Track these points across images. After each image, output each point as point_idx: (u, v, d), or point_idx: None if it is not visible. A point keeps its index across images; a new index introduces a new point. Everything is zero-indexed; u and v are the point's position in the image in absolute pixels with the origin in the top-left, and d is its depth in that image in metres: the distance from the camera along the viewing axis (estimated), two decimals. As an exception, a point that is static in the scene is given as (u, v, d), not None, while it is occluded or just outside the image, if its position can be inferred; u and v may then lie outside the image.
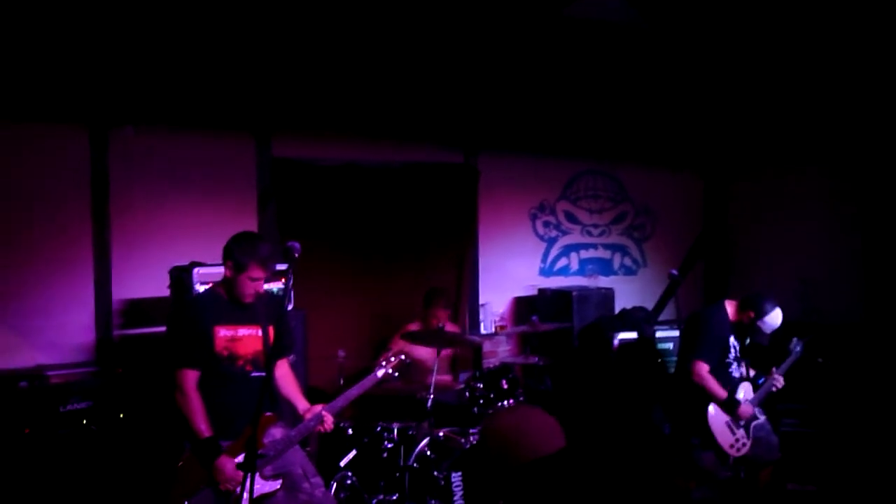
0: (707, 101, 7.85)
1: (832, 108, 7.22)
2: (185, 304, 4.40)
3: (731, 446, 5.13)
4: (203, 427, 3.87)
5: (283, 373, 4.36)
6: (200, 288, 5.13)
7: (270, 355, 4.05)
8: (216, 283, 4.22)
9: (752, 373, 5.37)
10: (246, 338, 4.11)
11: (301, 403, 4.25)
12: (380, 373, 4.45)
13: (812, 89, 7.03)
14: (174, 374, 3.94)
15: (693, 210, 9.06)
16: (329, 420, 4.13)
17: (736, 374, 5.31)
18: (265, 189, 6.62)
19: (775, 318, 5.16)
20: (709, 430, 5.12)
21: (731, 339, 5.32)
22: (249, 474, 3.57)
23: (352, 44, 6.02)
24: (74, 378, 5.60)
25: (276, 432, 4.09)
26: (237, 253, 4.02)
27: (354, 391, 4.34)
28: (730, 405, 5.13)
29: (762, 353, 5.50)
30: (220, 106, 6.30)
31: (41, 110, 5.74)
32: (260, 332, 4.13)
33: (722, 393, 5.13)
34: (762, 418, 5.30)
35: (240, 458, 3.85)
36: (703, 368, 5.15)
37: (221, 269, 4.13)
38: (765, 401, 5.33)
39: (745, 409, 5.15)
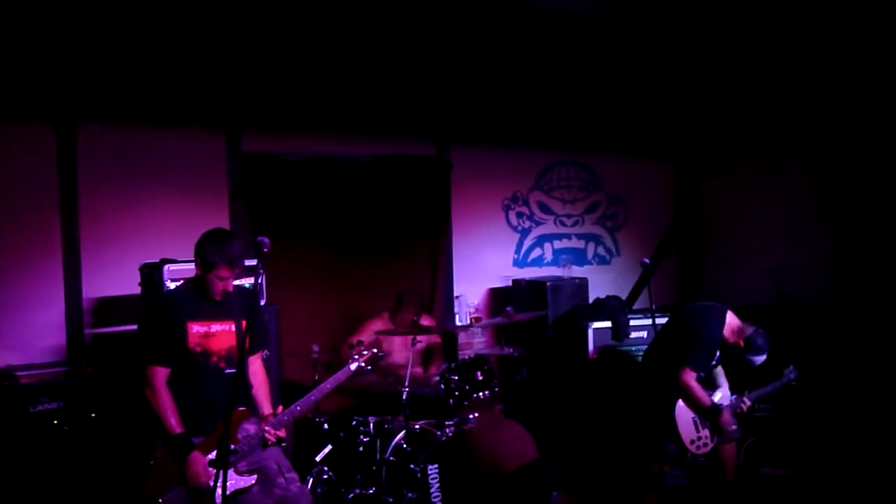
0: (679, 91, 7.89)
1: (804, 96, 7.29)
2: (157, 300, 4.36)
3: (692, 443, 5.02)
4: (174, 423, 3.85)
5: (255, 369, 4.34)
6: (171, 285, 5.08)
7: (242, 350, 4.00)
8: (189, 279, 4.20)
9: (725, 384, 5.34)
10: (219, 333, 4.09)
11: (266, 408, 4.23)
12: (353, 366, 4.45)
13: (783, 78, 7.09)
14: (144, 370, 3.92)
15: (665, 199, 9.12)
16: (270, 438, 4.06)
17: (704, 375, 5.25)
18: (236, 184, 6.57)
19: (761, 358, 5.06)
20: (673, 421, 5.00)
21: (717, 350, 5.18)
22: (222, 470, 3.55)
23: (322, 37, 5.99)
24: (45, 378, 5.54)
25: (250, 427, 4.07)
26: (206, 252, 4.01)
27: (328, 385, 4.34)
28: (712, 413, 5.02)
29: (743, 371, 5.34)
30: (189, 101, 6.23)
31: (5, 107, 5.65)
32: (233, 328, 4.11)
33: (707, 401, 5.00)
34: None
35: (212, 455, 3.84)
36: (692, 377, 4.96)
37: (192, 266, 4.11)
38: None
39: (727, 419, 5.06)
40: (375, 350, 4.57)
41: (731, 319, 5.13)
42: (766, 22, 6.11)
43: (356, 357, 4.48)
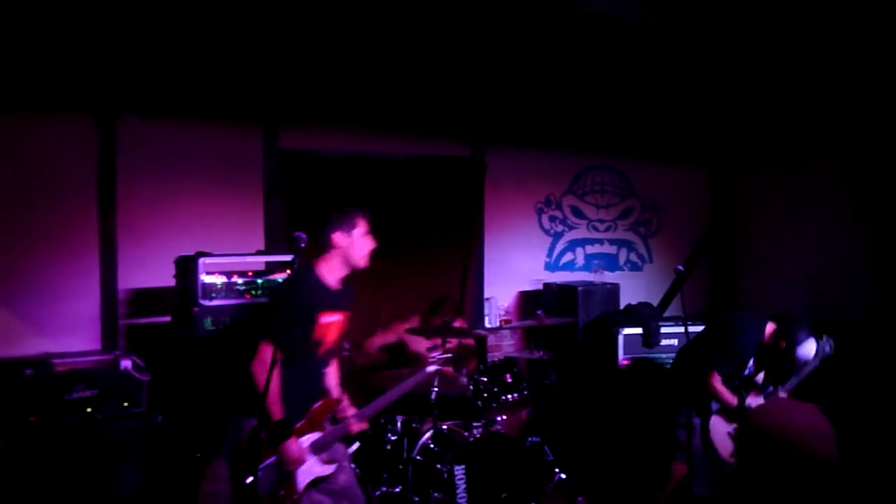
0: (714, 96, 7.82)
1: (841, 102, 7.18)
2: (301, 283, 4.07)
3: (732, 455, 5.10)
4: (277, 408, 3.84)
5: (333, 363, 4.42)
6: (206, 279, 5.15)
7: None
8: (313, 264, 4.14)
9: (760, 378, 5.33)
10: (335, 324, 4.15)
11: (335, 393, 4.31)
12: (430, 368, 4.59)
13: (820, 83, 6.99)
14: (260, 344, 3.87)
15: (699, 206, 9.04)
16: (354, 428, 4.18)
17: (735, 383, 5.25)
18: (272, 180, 6.62)
19: (808, 349, 5.05)
20: (709, 438, 5.09)
21: (751, 360, 5.21)
22: (309, 454, 3.88)
23: (361, 36, 6.01)
24: (80, 366, 5.59)
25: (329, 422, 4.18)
26: (339, 220, 4.10)
27: (409, 383, 4.42)
28: (739, 413, 5.09)
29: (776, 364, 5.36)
30: (228, 96, 6.30)
31: (49, 99, 5.75)
32: (342, 319, 4.18)
33: (733, 401, 5.07)
34: None
35: (303, 440, 3.96)
36: (718, 380, 5.05)
37: (227, 260, 4.14)
38: None
39: None
40: (450, 354, 4.72)
41: (769, 327, 5.15)
42: (804, 27, 6.04)
43: (432, 361, 4.62)
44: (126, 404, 5.24)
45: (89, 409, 5.10)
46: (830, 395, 5.90)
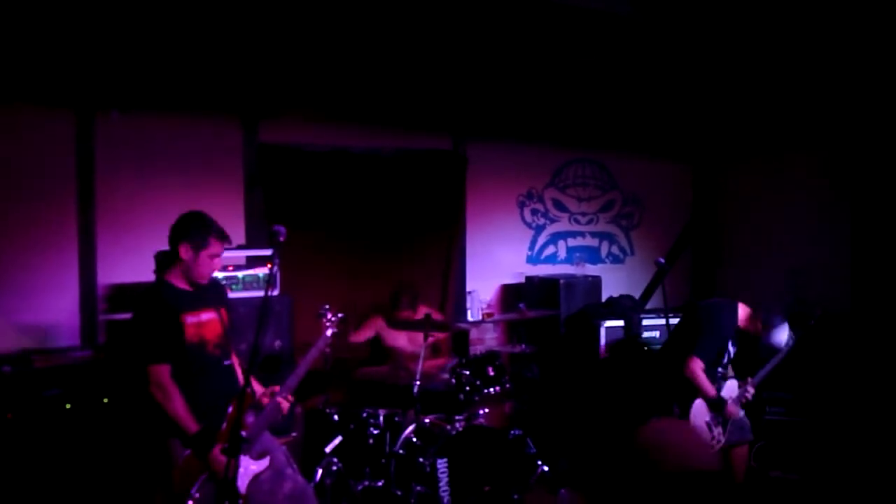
0: (697, 89, 7.85)
1: (823, 97, 7.22)
2: (149, 297, 4.04)
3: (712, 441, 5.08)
4: (191, 422, 3.77)
5: (235, 359, 4.30)
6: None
7: (227, 337, 4.07)
8: (163, 275, 4.09)
9: (731, 372, 5.36)
10: (209, 322, 4.04)
11: (257, 387, 4.19)
12: (329, 332, 4.58)
13: (802, 79, 7.03)
14: (148, 370, 3.81)
15: (681, 199, 9.07)
16: (285, 405, 4.12)
17: (720, 371, 5.29)
18: (252, 174, 6.59)
19: (781, 334, 5.07)
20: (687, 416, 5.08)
21: (730, 343, 5.23)
22: (238, 456, 3.61)
23: (342, 29, 5.99)
24: (59, 363, 5.56)
25: (251, 415, 4.08)
26: (193, 231, 3.97)
27: (309, 356, 4.33)
28: (718, 404, 5.07)
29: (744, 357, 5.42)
30: (207, 90, 6.26)
31: (27, 93, 5.69)
32: (217, 315, 4.09)
33: (712, 390, 5.05)
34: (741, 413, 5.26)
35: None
36: (698, 365, 5.02)
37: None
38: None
39: (733, 410, 5.07)
40: (341, 314, 4.71)
41: (742, 311, 5.18)
42: (787, 22, 6.07)
43: (328, 325, 4.63)
44: (105, 401, 5.21)
45: (68, 406, 5.06)
46: (813, 386, 5.97)
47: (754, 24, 6.13)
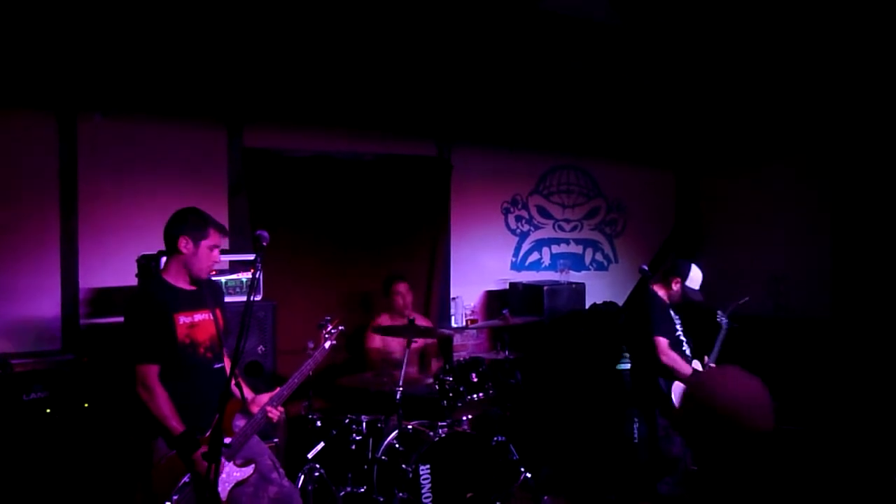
0: (681, 98, 7.88)
1: (804, 106, 7.28)
2: (142, 295, 4.08)
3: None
4: (175, 423, 3.76)
5: (226, 362, 4.27)
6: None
7: (221, 339, 4.04)
8: (160, 273, 4.09)
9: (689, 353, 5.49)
10: (202, 323, 4.03)
11: (248, 393, 4.17)
12: (327, 344, 4.54)
13: (784, 87, 7.08)
14: (135, 369, 3.81)
15: (665, 207, 9.12)
16: (275, 415, 4.11)
17: (688, 352, 5.41)
18: (236, 179, 6.58)
19: (697, 273, 5.50)
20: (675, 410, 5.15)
21: (672, 313, 5.48)
22: (221, 461, 3.58)
23: (326, 34, 5.98)
24: (39, 367, 5.53)
25: (239, 421, 4.06)
26: (192, 223, 3.97)
27: (306, 367, 4.33)
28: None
29: (699, 334, 5.68)
30: (192, 94, 6.24)
31: (8, 95, 5.65)
32: (211, 317, 4.07)
33: (687, 369, 5.18)
34: None
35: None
36: (664, 343, 5.21)
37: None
38: None
39: None
40: (342, 327, 4.69)
41: (658, 287, 5.55)
42: (768, 32, 6.11)
43: (327, 337, 4.59)
44: (86, 405, 5.17)
45: (49, 410, 5.02)
46: (795, 392, 5.98)
47: (737, 33, 6.17)
